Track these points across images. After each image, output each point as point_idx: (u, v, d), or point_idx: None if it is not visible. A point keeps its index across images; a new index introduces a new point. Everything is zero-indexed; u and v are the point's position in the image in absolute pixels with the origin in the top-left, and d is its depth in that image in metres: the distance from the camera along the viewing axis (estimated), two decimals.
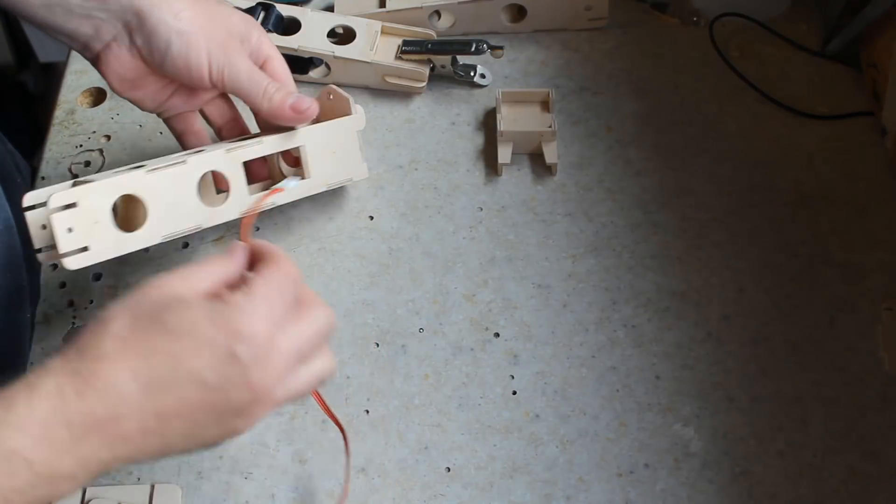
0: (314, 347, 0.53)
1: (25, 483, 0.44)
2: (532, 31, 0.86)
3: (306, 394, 0.55)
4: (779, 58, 0.83)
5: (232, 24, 0.64)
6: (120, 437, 0.46)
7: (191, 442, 0.49)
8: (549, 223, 0.74)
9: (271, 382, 0.50)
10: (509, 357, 0.67)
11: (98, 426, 0.45)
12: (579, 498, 0.61)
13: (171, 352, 0.47)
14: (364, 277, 0.71)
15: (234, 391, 0.48)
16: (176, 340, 0.47)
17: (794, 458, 0.62)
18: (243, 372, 0.48)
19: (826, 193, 0.74)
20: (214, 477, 0.62)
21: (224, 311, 0.49)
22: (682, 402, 0.65)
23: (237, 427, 0.50)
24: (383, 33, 0.81)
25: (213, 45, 0.62)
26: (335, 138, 0.70)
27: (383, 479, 0.62)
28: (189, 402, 0.48)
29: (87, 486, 0.48)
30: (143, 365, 0.46)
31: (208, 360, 0.48)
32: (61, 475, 0.45)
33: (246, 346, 0.48)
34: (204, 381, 0.47)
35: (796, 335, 0.67)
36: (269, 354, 0.49)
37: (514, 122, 0.77)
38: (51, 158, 0.79)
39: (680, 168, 0.77)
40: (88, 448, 0.45)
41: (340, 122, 0.70)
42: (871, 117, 0.78)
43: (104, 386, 0.45)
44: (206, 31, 0.62)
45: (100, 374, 0.45)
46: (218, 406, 0.49)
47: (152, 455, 0.49)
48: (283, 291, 0.51)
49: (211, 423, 0.49)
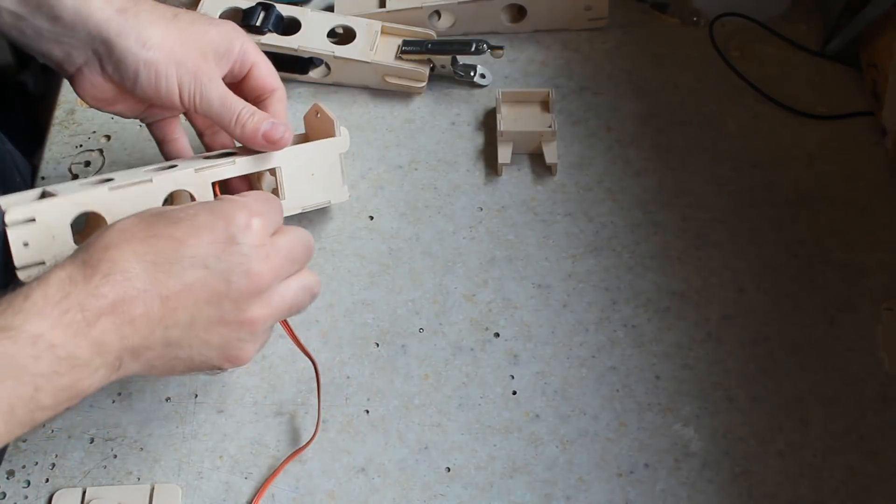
0: (301, 259, 0.56)
1: (49, 367, 0.47)
2: (532, 31, 0.86)
3: (299, 307, 0.57)
4: (779, 58, 0.83)
5: (207, 43, 0.63)
6: (128, 320, 0.49)
7: (196, 342, 0.52)
8: (549, 223, 0.74)
9: (270, 276, 0.53)
10: (509, 357, 0.67)
11: (107, 308, 0.48)
12: (579, 498, 0.61)
13: (173, 235, 0.50)
14: (364, 277, 0.71)
15: (235, 276, 0.51)
16: (177, 225, 0.51)
17: (794, 458, 0.62)
18: (244, 258, 0.52)
19: (826, 193, 0.74)
20: (214, 477, 0.62)
21: (222, 204, 0.53)
22: (682, 402, 0.65)
23: (240, 335, 0.53)
24: (383, 33, 0.81)
25: (182, 71, 0.62)
26: (315, 160, 0.68)
27: (383, 479, 0.62)
28: (192, 288, 0.50)
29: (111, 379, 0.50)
30: (146, 248, 0.50)
31: (210, 243, 0.51)
32: (80, 361, 0.48)
33: (244, 234, 0.52)
34: (206, 263, 0.51)
35: (796, 335, 0.67)
36: (266, 247, 0.53)
37: (514, 122, 0.77)
38: (51, 158, 0.79)
39: (680, 168, 0.77)
40: (100, 330, 0.48)
41: (322, 143, 0.68)
42: (871, 117, 0.78)
43: (110, 269, 0.48)
44: (177, 57, 0.62)
45: (105, 259, 0.49)
46: (219, 293, 0.51)
47: (161, 357, 0.51)
48: (270, 205, 0.55)
49: (213, 317, 0.52)
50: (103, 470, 0.62)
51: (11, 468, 0.62)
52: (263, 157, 0.66)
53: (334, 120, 0.68)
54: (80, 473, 0.62)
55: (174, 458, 0.63)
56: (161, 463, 0.63)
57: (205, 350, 0.53)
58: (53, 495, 0.61)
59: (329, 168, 0.69)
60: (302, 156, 0.68)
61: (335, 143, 0.68)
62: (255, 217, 0.53)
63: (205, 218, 0.52)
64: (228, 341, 0.53)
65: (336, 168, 0.70)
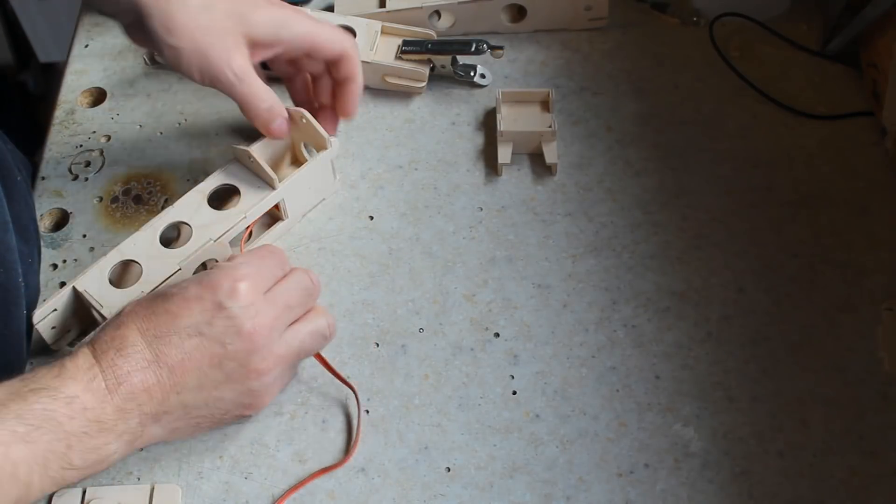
0: (301, 302, 0.61)
1: (81, 428, 0.53)
2: (532, 31, 0.86)
3: (309, 351, 0.62)
4: (779, 58, 0.83)
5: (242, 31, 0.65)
6: (144, 389, 0.55)
7: (210, 400, 0.58)
8: (549, 223, 0.74)
9: (264, 330, 0.57)
10: (509, 357, 0.67)
11: (124, 377, 0.54)
12: (579, 498, 0.61)
13: (169, 310, 0.56)
14: (364, 277, 0.71)
15: (228, 338, 0.56)
16: (171, 301, 0.57)
17: (794, 458, 0.62)
18: (233, 321, 0.56)
19: (826, 193, 0.74)
20: (214, 477, 0.62)
21: (208, 273, 0.59)
22: (682, 402, 0.65)
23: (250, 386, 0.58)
24: (383, 33, 0.81)
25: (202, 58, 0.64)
26: (311, 176, 0.71)
27: (383, 479, 0.62)
28: (192, 354, 0.56)
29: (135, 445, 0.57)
30: (147, 325, 0.56)
31: (199, 313, 0.56)
32: (106, 425, 0.54)
33: (230, 298, 0.56)
34: (199, 332, 0.56)
35: (796, 335, 0.67)
36: (256, 304, 0.57)
37: (514, 122, 0.77)
38: (51, 158, 0.79)
39: (680, 168, 0.77)
40: (121, 398, 0.54)
41: (315, 161, 0.71)
42: (871, 117, 0.78)
43: (121, 345, 0.55)
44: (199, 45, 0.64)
45: (118, 336, 0.56)
46: (218, 355, 0.56)
47: (182, 419, 0.58)
48: (265, 261, 0.60)
49: (220, 378, 0.57)
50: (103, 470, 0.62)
51: None
52: (269, 197, 0.69)
53: (325, 136, 0.70)
54: None
55: (174, 458, 0.63)
56: (161, 463, 0.63)
57: (221, 405, 0.58)
58: (53, 495, 0.61)
59: (322, 173, 0.72)
60: (301, 180, 0.70)
61: (327, 154, 0.71)
62: (240, 281, 0.57)
63: (194, 290, 0.57)
64: (241, 394, 0.58)
65: (328, 169, 0.73)
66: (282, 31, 0.67)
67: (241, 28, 0.65)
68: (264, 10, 0.66)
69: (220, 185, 0.70)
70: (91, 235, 0.74)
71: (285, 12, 0.67)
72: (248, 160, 0.69)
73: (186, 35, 0.63)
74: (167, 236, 0.68)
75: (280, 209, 0.71)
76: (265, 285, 0.59)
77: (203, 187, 0.69)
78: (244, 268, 0.59)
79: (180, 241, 0.68)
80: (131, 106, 0.82)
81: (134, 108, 0.82)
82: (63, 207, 0.76)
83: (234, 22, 0.65)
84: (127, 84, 0.84)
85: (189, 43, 0.64)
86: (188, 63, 0.64)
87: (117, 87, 0.83)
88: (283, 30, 0.67)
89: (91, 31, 0.88)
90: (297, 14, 0.68)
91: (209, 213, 0.68)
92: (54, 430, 0.51)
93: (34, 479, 0.51)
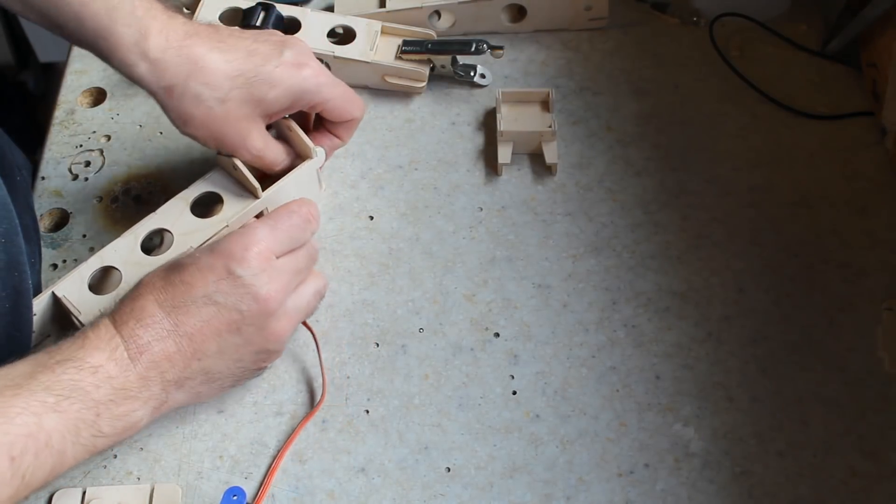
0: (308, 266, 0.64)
1: (107, 395, 0.54)
2: (532, 31, 0.86)
3: (313, 309, 0.66)
4: (779, 58, 0.83)
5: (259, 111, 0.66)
6: (165, 357, 0.56)
7: (231, 363, 0.59)
8: (549, 223, 0.74)
9: (276, 294, 0.59)
10: (509, 357, 0.67)
11: (145, 348, 0.56)
12: (579, 498, 0.61)
13: (184, 280, 0.58)
14: (364, 277, 0.71)
15: (244, 305, 0.58)
16: (185, 271, 0.58)
17: (794, 458, 0.62)
18: (247, 288, 0.58)
19: (826, 193, 0.74)
20: (214, 477, 0.62)
21: (221, 242, 0.60)
22: (682, 402, 0.65)
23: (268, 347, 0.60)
24: (383, 33, 0.81)
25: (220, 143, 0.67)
26: (296, 184, 0.71)
27: (383, 479, 0.62)
28: (210, 322, 0.57)
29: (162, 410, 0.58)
30: (165, 296, 0.57)
31: (213, 282, 0.58)
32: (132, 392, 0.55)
33: (241, 266, 0.58)
34: (215, 300, 0.57)
35: (796, 335, 0.67)
36: (268, 270, 0.59)
37: (514, 122, 0.77)
38: (51, 158, 0.79)
39: (680, 168, 0.77)
40: (144, 366, 0.56)
41: (300, 170, 0.70)
42: (871, 117, 0.78)
43: (140, 315, 0.57)
44: (216, 135, 0.66)
45: (136, 307, 0.57)
46: (236, 321, 0.58)
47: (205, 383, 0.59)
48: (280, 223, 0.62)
49: (239, 342, 0.59)
50: (103, 470, 0.62)
51: None
52: (252, 206, 0.69)
53: (311, 146, 0.70)
54: (80, 473, 0.62)
55: (174, 458, 0.63)
56: (161, 463, 0.63)
57: (241, 365, 0.60)
58: (53, 495, 0.61)
59: (308, 182, 0.72)
60: (284, 188, 0.70)
61: (312, 164, 0.71)
62: (250, 248, 0.59)
63: (206, 260, 0.59)
64: (259, 354, 0.60)
65: (314, 179, 0.73)
66: (297, 103, 0.67)
67: (256, 111, 0.66)
68: (284, 84, 0.65)
69: (204, 192, 0.69)
70: (91, 235, 0.74)
71: (300, 79, 0.66)
72: (233, 169, 0.69)
73: (202, 127, 0.65)
74: (150, 244, 0.68)
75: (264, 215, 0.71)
76: (279, 249, 0.61)
77: (186, 195, 0.69)
78: (257, 232, 0.60)
79: (162, 249, 0.68)
80: (131, 106, 0.82)
81: (134, 108, 0.82)
82: (63, 207, 0.76)
83: (251, 108, 0.65)
84: (127, 84, 0.83)
85: (205, 132, 0.66)
86: (205, 143, 0.67)
87: (117, 87, 0.83)
88: (298, 102, 0.67)
89: None
90: (318, 81, 0.67)
91: (191, 220, 0.68)
92: (82, 399, 0.53)
93: (67, 447, 0.52)
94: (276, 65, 0.65)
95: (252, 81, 0.64)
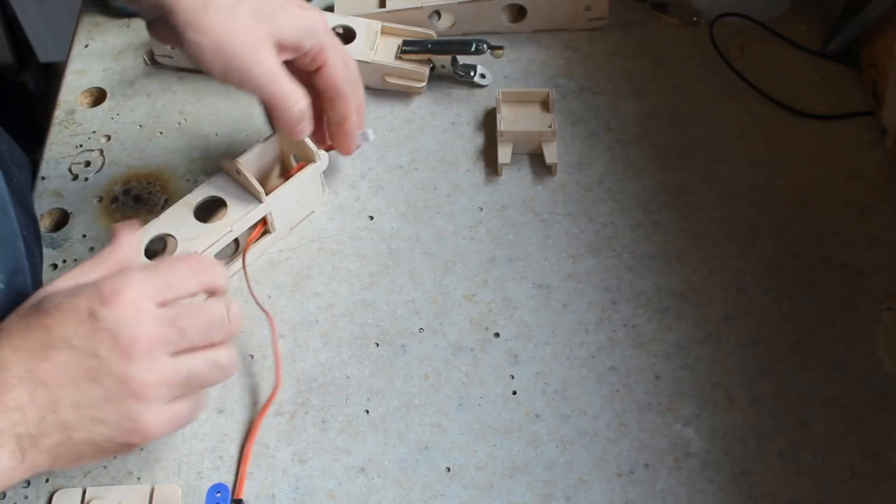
0: (202, 332, 0.53)
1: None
2: (532, 31, 0.86)
3: (204, 380, 0.54)
4: (779, 58, 0.83)
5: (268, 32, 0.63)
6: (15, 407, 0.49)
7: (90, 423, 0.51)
8: (549, 223, 0.74)
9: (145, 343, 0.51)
10: (509, 357, 0.67)
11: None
12: (579, 498, 0.61)
13: (44, 323, 0.51)
14: (364, 277, 0.71)
15: (102, 350, 0.50)
16: (46, 315, 0.51)
17: (794, 458, 0.62)
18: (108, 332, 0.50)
19: (826, 193, 0.74)
20: (214, 477, 0.62)
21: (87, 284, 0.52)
22: (682, 402, 0.65)
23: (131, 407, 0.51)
24: (383, 33, 0.81)
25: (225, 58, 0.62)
26: (299, 188, 0.71)
27: (383, 479, 0.62)
28: (66, 367, 0.50)
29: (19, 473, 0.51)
30: (21, 340, 0.51)
31: (73, 324, 0.50)
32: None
33: (107, 306, 0.51)
34: (72, 344, 0.50)
35: (796, 335, 0.67)
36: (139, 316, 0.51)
37: (514, 122, 0.77)
38: (51, 158, 0.79)
39: (680, 168, 0.77)
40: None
41: (304, 174, 0.70)
42: (871, 117, 0.78)
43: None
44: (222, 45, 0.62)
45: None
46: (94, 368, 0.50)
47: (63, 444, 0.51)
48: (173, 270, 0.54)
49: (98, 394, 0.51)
50: (103, 470, 0.62)
51: None
52: (255, 211, 0.68)
53: (312, 148, 0.69)
54: (80, 473, 0.62)
55: (174, 458, 0.63)
56: (161, 463, 0.63)
57: (101, 429, 0.51)
58: (53, 495, 0.61)
59: (311, 186, 0.72)
60: (288, 193, 0.70)
61: (316, 168, 0.71)
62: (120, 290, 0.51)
63: (69, 302, 0.51)
64: (122, 415, 0.51)
65: (318, 183, 0.73)
66: (307, 38, 0.65)
67: (268, 27, 0.63)
68: (293, 12, 0.65)
69: (207, 197, 0.69)
70: (91, 235, 0.74)
71: (313, 19, 0.65)
72: (236, 173, 0.69)
73: (211, 31, 0.62)
74: (154, 248, 0.68)
75: (268, 222, 0.71)
76: (160, 296, 0.53)
77: (189, 199, 0.69)
78: (135, 273, 0.53)
79: (166, 254, 0.67)
80: (131, 106, 0.82)
81: (134, 108, 0.82)
82: (63, 207, 0.76)
83: (261, 20, 0.63)
84: (127, 84, 0.84)
85: (212, 38, 0.62)
86: (210, 58, 0.62)
87: (117, 87, 0.83)
88: (308, 38, 0.65)
89: (91, 31, 0.88)
90: (322, 21, 0.66)
91: (195, 225, 0.67)
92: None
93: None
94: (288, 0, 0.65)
95: (266, 2, 0.64)
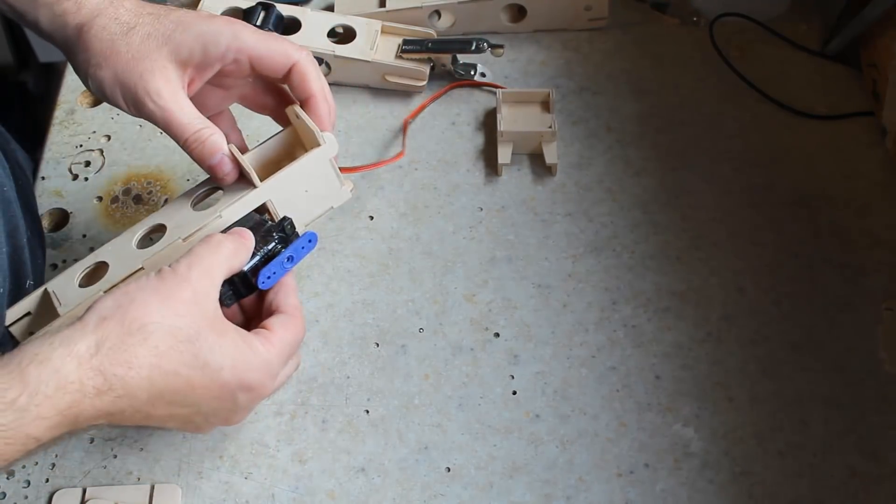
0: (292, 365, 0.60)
1: None
2: (532, 31, 0.86)
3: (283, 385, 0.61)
4: (779, 58, 0.83)
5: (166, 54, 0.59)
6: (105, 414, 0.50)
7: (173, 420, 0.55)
8: (549, 223, 0.74)
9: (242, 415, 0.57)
10: (509, 357, 0.67)
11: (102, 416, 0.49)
12: (579, 498, 0.61)
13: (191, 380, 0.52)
14: (364, 277, 0.71)
15: (214, 418, 0.55)
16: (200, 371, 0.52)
17: (794, 458, 0.62)
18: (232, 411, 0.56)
19: (826, 193, 0.74)
20: (214, 477, 0.62)
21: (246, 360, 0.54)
22: (682, 402, 0.65)
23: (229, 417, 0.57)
24: (383, 33, 0.81)
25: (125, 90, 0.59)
26: (304, 176, 0.62)
27: (383, 479, 0.62)
28: (174, 415, 0.53)
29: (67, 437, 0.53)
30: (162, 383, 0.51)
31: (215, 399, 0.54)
32: None
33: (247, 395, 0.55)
34: (199, 408, 0.54)
35: (796, 335, 0.67)
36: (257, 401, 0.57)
37: (514, 123, 0.77)
38: (51, 158, 0.79)
39: (680, 168, 0.77)
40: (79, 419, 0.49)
41: (305, 159, 0.62)
42: (871, 117, 0.78)
43: (124, 393, 0.49)
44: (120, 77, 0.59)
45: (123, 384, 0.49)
46: (191, 418, 0.55)
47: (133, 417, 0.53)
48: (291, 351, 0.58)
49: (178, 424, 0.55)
50: (103, 470, 0.62)
51: (11, 468, 0.62)
52: (250, 198, 0.61)
53: (315, 130, 0.62)
54: (80, 473, 0.62)
55: (174, 458, 0.63)
56: (161, 463, 0.63)
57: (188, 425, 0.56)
58: (53, 495, 0.61)
59: (321, 176, 0.63)
60: (288, 180, 0.62)
61: (320, 152, 0.62)
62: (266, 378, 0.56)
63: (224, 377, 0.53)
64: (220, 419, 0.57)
65: (329, 173, 0.64)
66: (210, 46, 0.59)
67: (164, 49, 0.58)
68: (193, 27, 0.59)
69: (207, 189, 0.64)
70: (91, 235, 0.74)
71: (217, 27, 0.59)
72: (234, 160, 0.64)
73: (107, 64, 0.58)
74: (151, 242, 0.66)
75: (271, 214, 0.63)
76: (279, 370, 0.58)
77: (189, 192, 0.64)
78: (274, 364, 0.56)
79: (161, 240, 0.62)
80: None
81: None
82: (63, 207, 0.76)
83: (156, 44, 0.59)
84: None
85: (108, 72, 0.58)
86: (112, 92, 0.59)
87: None
88: (211, 46, 0.59)
89: None
90: (233, 27, 0.60)
91: (187, 213, 0.63)
92: None
93: None
94: (188, 12, 0.61)
95: (160, 18, 0.59)
